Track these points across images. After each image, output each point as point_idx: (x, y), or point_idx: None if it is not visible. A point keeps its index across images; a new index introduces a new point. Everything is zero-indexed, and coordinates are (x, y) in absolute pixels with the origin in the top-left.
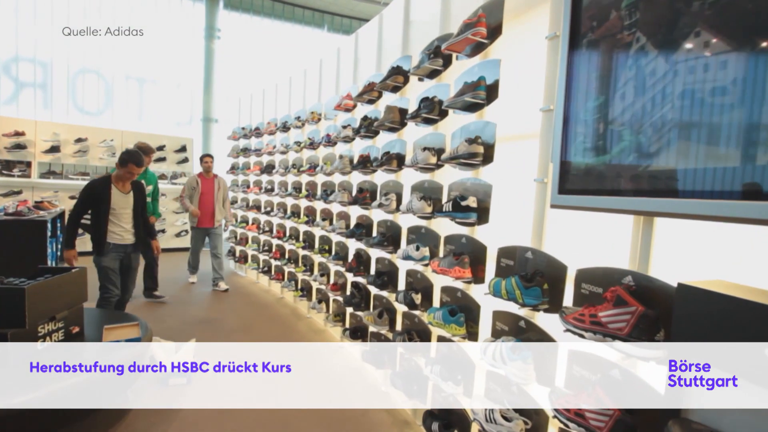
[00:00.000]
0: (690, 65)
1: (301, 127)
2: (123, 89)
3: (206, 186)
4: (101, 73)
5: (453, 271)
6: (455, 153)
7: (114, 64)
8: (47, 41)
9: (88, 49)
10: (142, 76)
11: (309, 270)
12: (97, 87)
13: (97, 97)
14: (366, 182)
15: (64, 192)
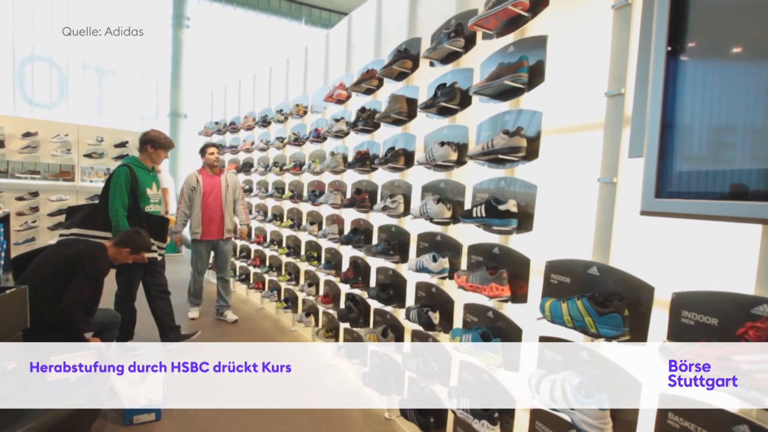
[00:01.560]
0: None
1: (284, 122)
2: (79, 80)
3: (210, 185)
4: (54, 61)
5: (488, 289)
6: (489, 147)
7: (69, 52)
8: None
9: (39, 34)
10: (101, 66)
11: (294, 279)
12: (49, 77)
13: (50, 88)
14: (364, 182)
15: (9, 192)
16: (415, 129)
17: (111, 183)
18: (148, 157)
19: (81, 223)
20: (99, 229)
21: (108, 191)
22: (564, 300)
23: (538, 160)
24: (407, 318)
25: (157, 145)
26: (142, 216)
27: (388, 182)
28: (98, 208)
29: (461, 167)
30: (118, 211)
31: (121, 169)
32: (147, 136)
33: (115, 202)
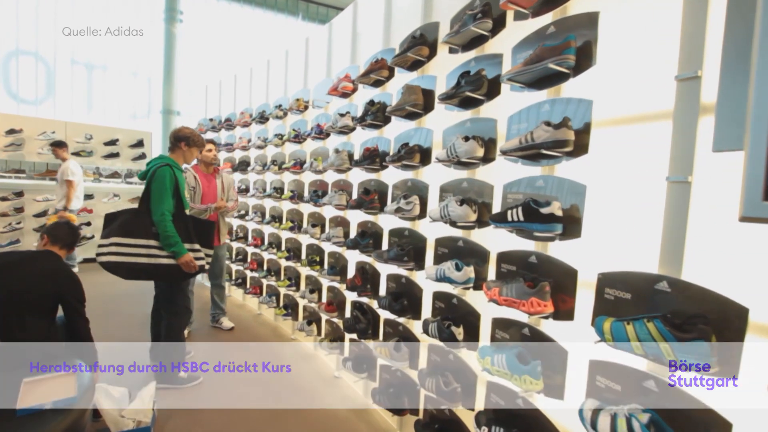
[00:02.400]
0: None
1: (283, 118)
2: (67, 75)
3: (207, 186)
4: (40, 55)
5: (527, 304)
6: (528, 142)
7: (56, 47)
8: None
9: (23, 27)
10: (90, 62)
11: (294, 285)
12: (35, 72)
13: (36, 84)
14: (372, 182)
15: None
16: (431, 123)
17: (154, 185)
18: (181, 155)
19: (120, 231)
20: (140, 236)
21: (150, 195)
22: (629, 321)
23: (586, 156)
24: (425, 332)
25: (191, 143)
26: (189, 220)
27: (400, 182)
28: (138, 214)
29: (487, 165)
30: (164, 216)
31: (166, 170)
32: (181, 133)
33: (162, 206)
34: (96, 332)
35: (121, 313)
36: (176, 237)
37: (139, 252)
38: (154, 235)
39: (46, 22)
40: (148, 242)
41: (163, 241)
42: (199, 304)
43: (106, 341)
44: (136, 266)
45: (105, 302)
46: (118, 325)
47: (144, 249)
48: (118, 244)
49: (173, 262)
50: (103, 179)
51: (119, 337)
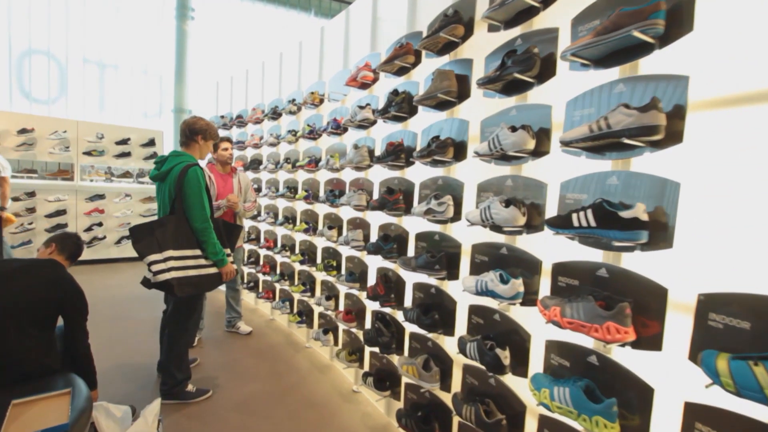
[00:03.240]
0: None
1: (297, 113)
2: (79, 74)
3: (223, 186)
4: (53, 54)
5: (602, 330)
6: (602, 129)
7: (68, 46)
8: None
9: (36, 26)
10: (102, 60)
11: (309, 290)
12: (47, 71)
13: (48, 83)
14: (396, 180)
15: None
16: (466, 113)
17: (189, 189)
18: (197, 150)
19: (174, 244)
20: (190, 246)
21: (186, 200)
22: (757, 360)
23: (679, 146)
24: (462, 352)
25: (207, 137)
26: (219, 224)
27: (429, 180)
28: (181, 222)
29: (537, 159)
30: (208, 222)
31: (197, 171)
32: (197, 125)
33: (204, 213)
34: (103, 339)
35: (131, 318)
36: (220, 245)
37: (189, 264)
38: (197, 243)
39: (57, 20)
40: (195, 252)
41: (209, 249)
42: (213, 308)
43: (113, 349)
44: (188, 280)
45: (114, 305)
46: (127, 331)
47: (193, 260)
48: (174, 258)
49: (216, 271)
50: (115, 179)
51: (127, 345)
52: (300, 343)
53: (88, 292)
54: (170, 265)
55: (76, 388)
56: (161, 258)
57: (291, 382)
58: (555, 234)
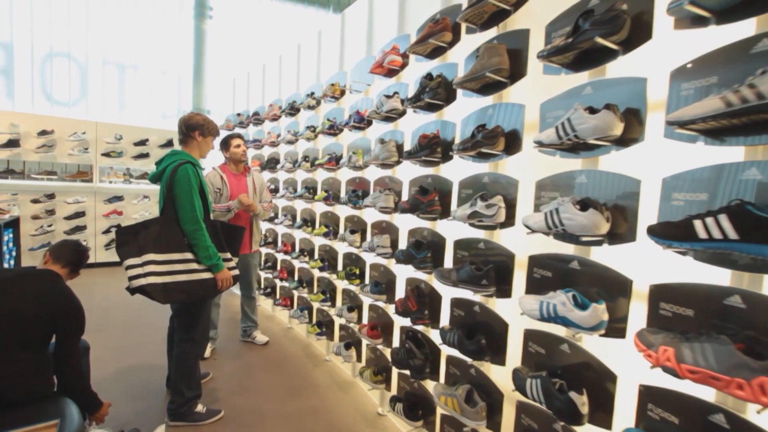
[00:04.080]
0: None
1: (316, 107)
2: (99, 76)
3: (236, 187)
4: (73, 57)
5: (749, 388)
6: (754, 100)
7: (88, 48)
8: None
9: (57, 28)
10: (121, 62)
11: (329, 299)
12: (68, 73)
13: (69, 85)
14: (430, 178)
15: (24, 195)
16: (519, 96)
17: (178, 189)
18: (196, 147)
19: (155, 247)
20: (176, 249)
21: (176, 200)
22: None
23: None
24: (520, 391)
25: (206, 132)
26: (217, 225)
27: (470, 177)
28: (168, 223)
29: (623, 149)
30: (199, 224)
31: (187, 168)
32: (192, 120)
33: (194, 212)
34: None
35: (146, 325)
36: (214, 248)
37: (176, 269)
38: (188, 246)
39: (79, 22)
40: (184, 255)
41: (200, 253)
42: (228, 314)
43: (122, 359)
44: (176, 286)
45: (128, 310)
46: (139, 339)
47: (182, 264)
48: (155, 262)
49: (211, 276)
50: (133, 180)
51: (138, 354)
52: (319, 355)
53: (104, 296)
54: (149, 270)
55: (67, 417)
56: (139, 262)
57: (310, 402)
58: (666, 248)
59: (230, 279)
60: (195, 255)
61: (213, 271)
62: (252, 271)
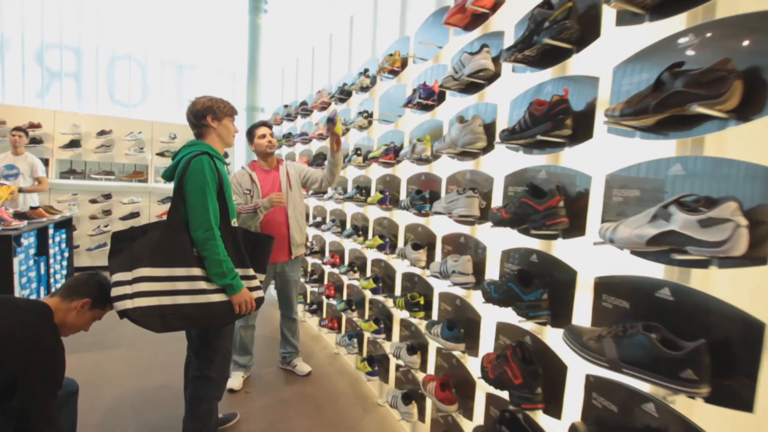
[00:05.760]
0: None
1: (370, 87)
2: (158, 76)
3: (269, 183)
4: (135, 58)
5: None
6: None
7: (148, 49)
8: (76, 25)
9: (121, 31)
10: (179, 61)
11: (383, 331)
12: (129, 74)
13: (129, 86)
14: (544, 172)
15: (84, 194)
16: None
17: (190, 185)
18: (216, 137)
19: (151, 259)
20: (179, 263)
21: (187, 198)
22: None
23: None
24: None
25: (219, 114)
26: (238, 236)
27: (629, 170)
28: (171, 229)
29: None
30: (212, 231)
31: (203, 160)
32: (198, 106)
33: (207, 216)
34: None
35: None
36: (230, 263)
37: (178, 288)
38: (196, 260)
39: (139, 24)
40: (191, 271)
41: (211, 269)
42: (266, 331)
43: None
44: (175, 311)
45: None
46: (159, 361)
47: (185, 282)
48: (149, 279)
49: (223, 299)
50: None
51: (156, 379)
52: (370, 397)
53: None
54: (138, 289)
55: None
56: (128, 278)
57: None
58: None
59: (251, 302)
60: (205, 271)
61: (228, 292)
62: (292, 287)
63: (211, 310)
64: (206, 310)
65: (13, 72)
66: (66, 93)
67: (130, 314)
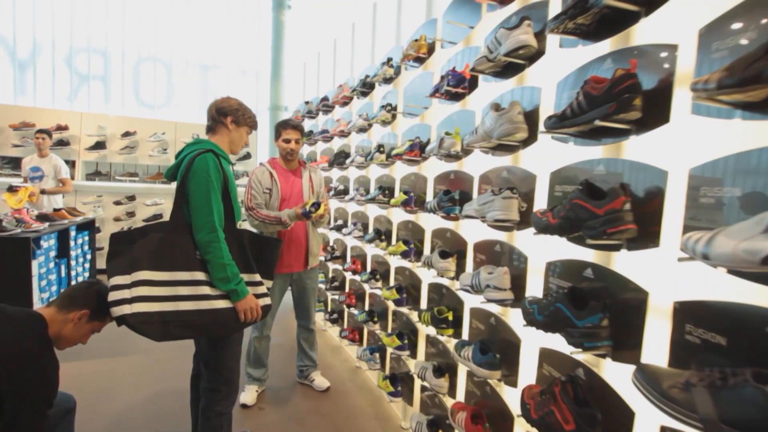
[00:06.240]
0: None
1: (394, 78)
2: (183, 77)
3: (289, 186)
4: (160, 59)
5: None
6: None
7: (172, 50)
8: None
9: (146, 33)
10: (204, 62)
11: (407, 347)
12: (154, 76)
13: (154, 87)
14: (601, 166)
15: (109, 196)
16: None
17: (192, 183)
18: (226, 139)
19: (151, 262)
20: (182, 267)
21: (190, 198)
22: None
23: None
24: None
25: (241, 121)
26: (244, 239)
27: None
28: (175, 231)
29: None
30: (216, 232)
31: (207, 159)
32: (226, 104)
33: (211, 217)
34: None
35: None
36: (234, 267)
37: (180, 293)
38: (200, 263)
39: (163, 25)
40: (193, 275)
41: (215, 274)
42: (283, 340)
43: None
44: (177, 317)
45: None
46: (173, 369)
47: (188, 287)
48: (149, 283)
49: (228, 305)
50: None
51: (168, 387)
52: (393, 419)
53: None
54: (137, 293)
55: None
56: (127, 282)
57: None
58: None
59: (257, 309)
60: (209, 275)
61: (232, 299)
62: (310, 295)
63: (215, 317)
64: (210, 318)
65: (44, 76)
66: (94, 95)
67: (128, 320)
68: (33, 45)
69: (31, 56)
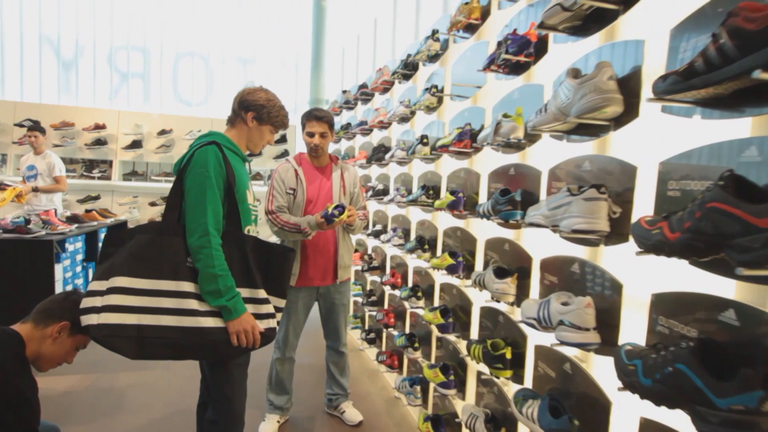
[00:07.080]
0: None
1: (441, 54)
2: (221, 72)
3: (316, 186)
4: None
5: None
6: None
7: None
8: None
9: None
10: (242, 55)
11: (454, 384)
12: (192, 72)
13: (192, 84)
14: (761, 154)
15: (144, 197)
16: None
17: (189, 179)
18: (243, 133)
19: (129, 267)
20: (165, 275)
21: (186, 196)
22: None
23: None
24: None
25: (264, 118)
26: (246, 246)
27: None
28: (163, 233)
29: None
30: (209, 236)
31: (208, 151)
32: (251, 97)
33: (204, 219)
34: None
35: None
36: (229, 279)
37: (163, 305)
38: (189, 272)
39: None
40: (180, 285)
41: (204, 285)
42: (311, 360)
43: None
44: (156, 333)
45: None
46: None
47: (172, 299)
48: (124, 291)
49: (219, 324)
50: None
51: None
52: None
53: None
54: (109, 302)
55: None
56: (102, 288)
57: None
58: None
59: (253, 333)
60: (198, 287)
61: (224, 317)
62: (340, 313)
63: (201, 337)
64: (195, 337)
65: (86, 75)
66: (133, 93)
67: (93, 332)
68: (76, 45)
69: (74, 56)
